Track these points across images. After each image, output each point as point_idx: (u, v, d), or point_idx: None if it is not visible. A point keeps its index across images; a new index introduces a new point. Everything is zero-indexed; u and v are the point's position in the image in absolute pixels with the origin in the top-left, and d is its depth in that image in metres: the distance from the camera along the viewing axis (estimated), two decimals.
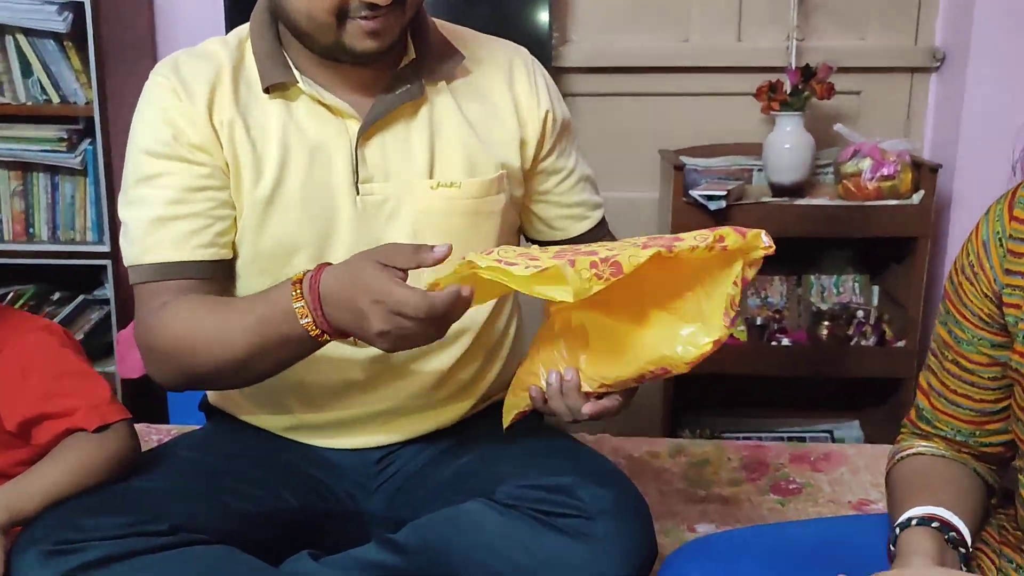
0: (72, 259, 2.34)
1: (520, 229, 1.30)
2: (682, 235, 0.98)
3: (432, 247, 0.96)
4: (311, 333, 0.98)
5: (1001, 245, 0.97)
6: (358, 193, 1.13)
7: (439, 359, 1.19)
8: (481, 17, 2.32)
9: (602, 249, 0.96)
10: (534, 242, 1.31)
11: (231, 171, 1.11)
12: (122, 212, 1.14)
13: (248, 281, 1.15)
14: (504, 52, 1.24)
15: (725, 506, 1.41)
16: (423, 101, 1.15)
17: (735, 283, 0.99)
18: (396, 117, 1.14)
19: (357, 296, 0.94)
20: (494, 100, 1.20)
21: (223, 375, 1.07)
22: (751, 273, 1.00)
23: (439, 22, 1.22)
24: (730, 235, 0.97)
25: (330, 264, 1.00)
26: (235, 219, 1.13)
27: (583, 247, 0.98)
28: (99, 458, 1.03)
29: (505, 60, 1.22)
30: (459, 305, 0.93)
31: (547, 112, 1.21)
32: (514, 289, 0.95)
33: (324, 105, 1.12)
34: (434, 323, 0.93)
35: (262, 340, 1.02)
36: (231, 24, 2.27)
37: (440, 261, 0.95)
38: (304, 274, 1.00)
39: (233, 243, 1.14)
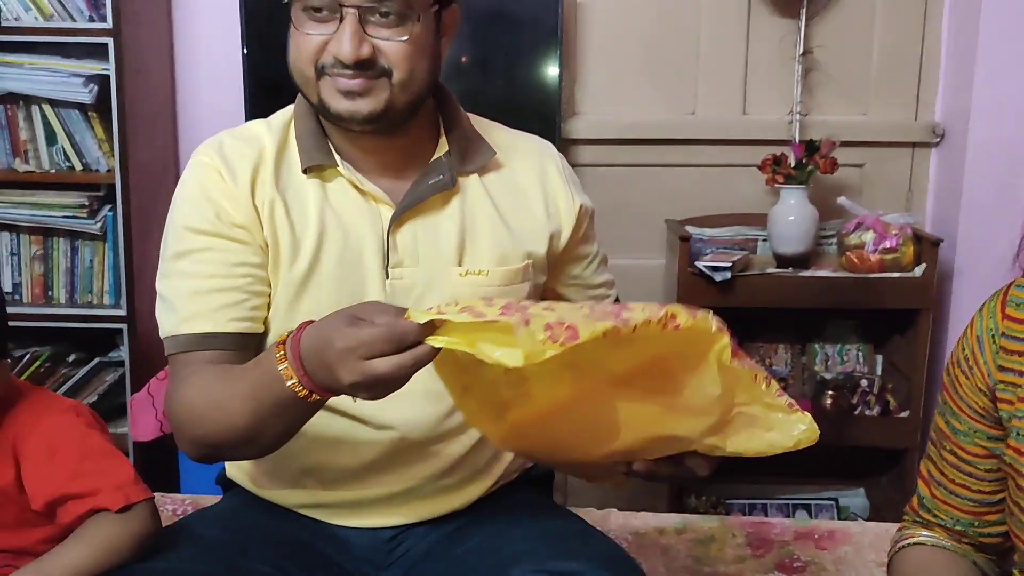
0: (89, 322, 2.38)
1: None
2: (630, 304, 0.91)
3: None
4: (300, 395, 0.98)
5: (994, 342, 1.01)
6: (388, 277, 1.17)
7: (456, 444, 1.22)
8: (494, 91, 2.39)
9: (551, 311, 0.90)
10: None
11: (269, 250, 1.15)
12: (160, 284, 1.17)
13: None
14: (534, 147, 1.30)
15: None
16: (455, 192, 1.21)
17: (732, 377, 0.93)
18: (428, 206, 1.19)
19: (325, 349, 0.93)
20: (525, 193, 1.25)
21: (235, 444, 1.08)
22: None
23: (472, 117, 1.27)
24: (681, 313, 0.90)
25: (312, 322, 1.00)
26: (269, 295, 1.17)
27: (533, 303, 0.93)
28: (122, 538, 1.06)
29: (536, 155, 1.28)
30: (423, 332, 0.90)
31: (581, 206, 1.28)
32: (460, 350, 0.88)
33: (360, 190, 1.17)
34: (403, 364, 0.90)
35: (258, 405, 1.02)
36: (249, 98, 2.34)
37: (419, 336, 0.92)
38: (288, 335, 1.00)
39: (265, 319, 1.17)
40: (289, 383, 0.98)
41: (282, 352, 0.99)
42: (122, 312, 2.35)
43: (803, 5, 2.43)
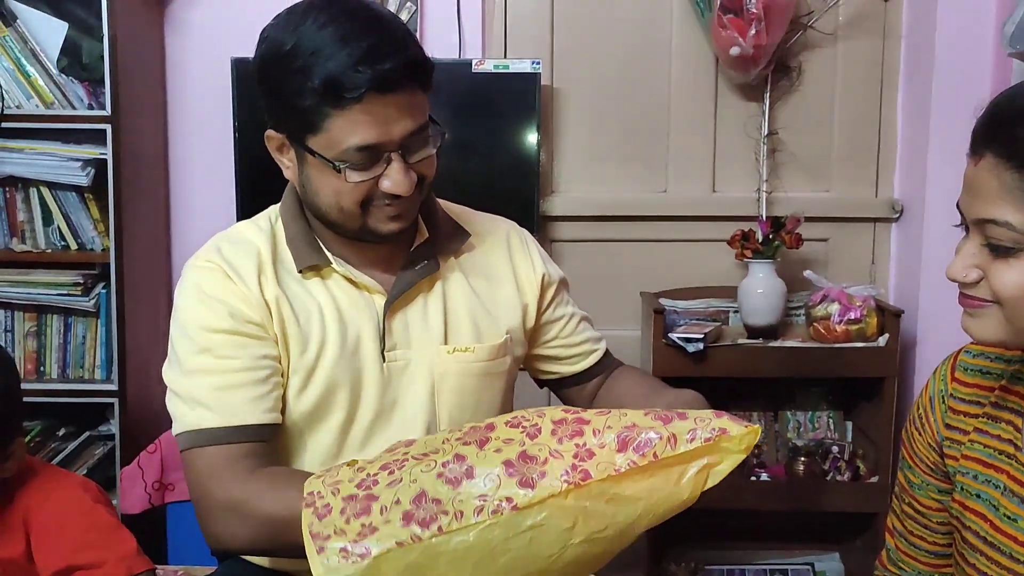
0: (80, 396, 2.42)
1: (534, 372, 1.46)
2: (678, 424, 0.92)
3: None
4: None
5: (943, 402, 1.11)
6: (384, 360, 1.26)
7: None
8: (476, 170, 2.49)
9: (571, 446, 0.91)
10: (545, 382, 1.47)
11: (280, 342, 1.22)
12: (181, 381, 1.20)
13: (290, 443, 1.26)
14: (501, 228, 1.41)
15: None
16: (438, 276, 1.30)
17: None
18: (415, 291, 1.29)
19: None
20: (497, 272, 1.36)
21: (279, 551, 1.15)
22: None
23: (442, 202, 1.37)
24: (732, 427, 0.92)
25: None
26: (283, 385, 1.23)
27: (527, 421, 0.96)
28: None
29: (503, 235, 1.39)
30: None
31: (543, 275, 1.38)
32: None
33: (353, 283, 1.26)
34: None
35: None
36: (240, 180, 2.45)
37: None
38: None
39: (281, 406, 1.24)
40: None
41: None
42: (113, 386, 2.40)
43: (767, 89, 2.56)
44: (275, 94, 1.16)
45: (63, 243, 2.41)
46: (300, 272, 1.25)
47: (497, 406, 1.34)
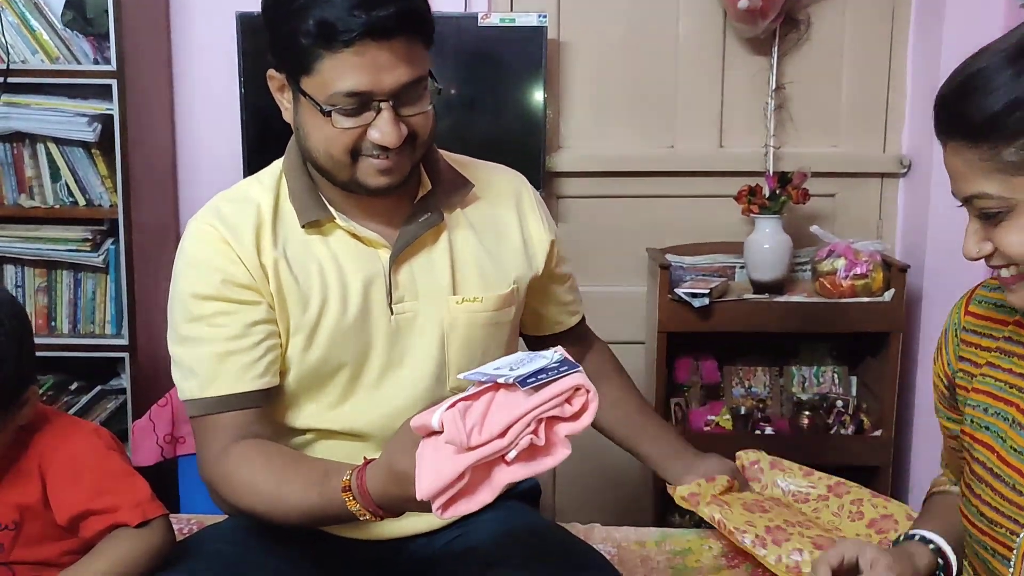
0: (91, 351, 2.45)
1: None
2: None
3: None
4: (370, 519, 1.07)
5: (956, 335, 1.13)
6: (392, 313, 1.27)
7: None
8: (482, 126, 2.49)
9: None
10: (529, 336, 1.49)
11: (277, 303, 1.23)
12: (176, 349, 1.24)
13: (296, 398, 1.28)
14: (508, 180, 1.41)
15: None
16: (443, 227, 1.30)
17: None
18: (420, 243, 1.29)
19: (395, 490, 1.00)
20: (504, 224, 1.36)
21: (281, 523, 1.19)
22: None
23: (444, 153, 1.38)
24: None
25: (368, 463, 1.06)
26: (281, 346, 1.25)
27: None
28: (140, 551, 1.15)
29: (512, 190, 1.39)
30: None
31: (552, 240, 1.40)
32: None
33: (357, 237, 1.26)
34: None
35: (320, 519, 1.16)
36: (246, 135, 2.44)
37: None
38: (349, 479, 1.06)
39: (281, 367, 1.25)
40: (364, 518, 1.07)
41: (350, 497, 1.06)
42: (124, 341, 2.42)
43: (775, 43, 2.54)
44: (275, 33, 1.17)
45: (71, 199, 2.42)
46: (303, 227, 1.25)
47: (502, 355, 1.34)
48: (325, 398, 1.28)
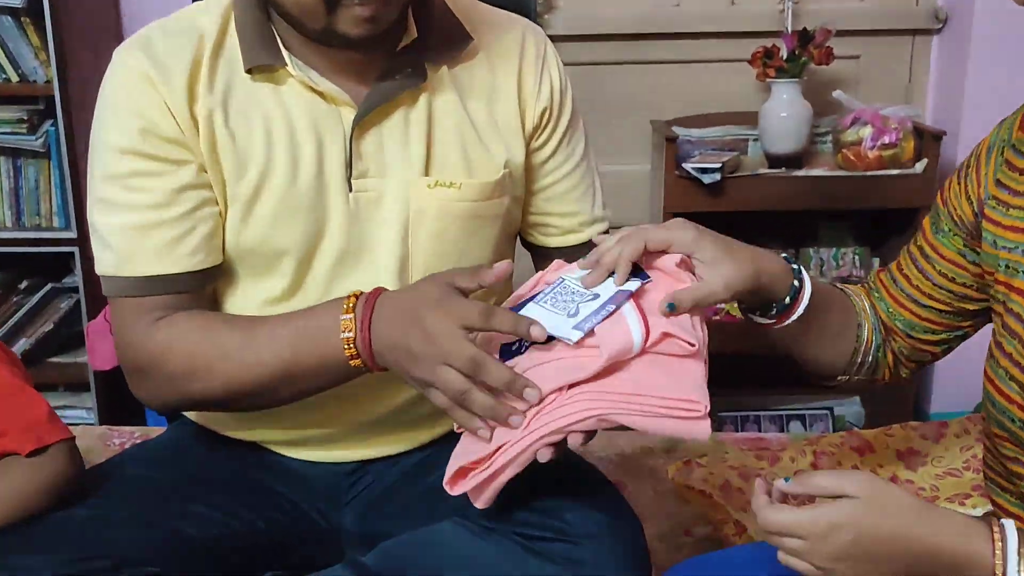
0: (38, 246, 2.25)
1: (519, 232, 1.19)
2: None
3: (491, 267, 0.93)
4: (347, 353, 0.93)
5: (1001, 153, 0.93)
6: (351, 189, 1.03)
7: None
8: None
9: None
10: (527, 244, 1.21)
11: (209, 165, 1.00)
12: (93, 214, 1.03)
13: (231, 288, 1.06)
14: (515, 34, 1.11)
15: None
16: (424, 88, 1.05)
17: None
18: (395, 105, 1.04)
19: (414, 325, 0.90)
20: (501, 89, 1.09)
21: (233, 400, 1.01)
22: None
23: None
24: None
25: (386, 290, 0.96)
26: (220, 215, 1.03)
27: None
28: (33, 485, 0.94)
29: (515, 44, 1.10)
30: (516, 387, 0.87)
31: (544, 111, 1.11)
32: None
33: (316, 91, 1.02)
34: (475, 390, 0.88)
35: (294, 359, 0.96)
36: None
37: (501, 279, 0.93)
38: (360, 293, 0.95)
39: (222, 243, 1.04)
40: (345, 334, 0.93)
41: (351, 304, 0.94)
42: (73, 234, 2.22)
43: None
44: None
45: (2, 75, 2.17)
46: (248, 72, 1.01)
47: (488, 260, 1.08)
48: (265, 290, 1.05)
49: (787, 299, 0.95)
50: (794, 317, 0.96)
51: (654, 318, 0.87)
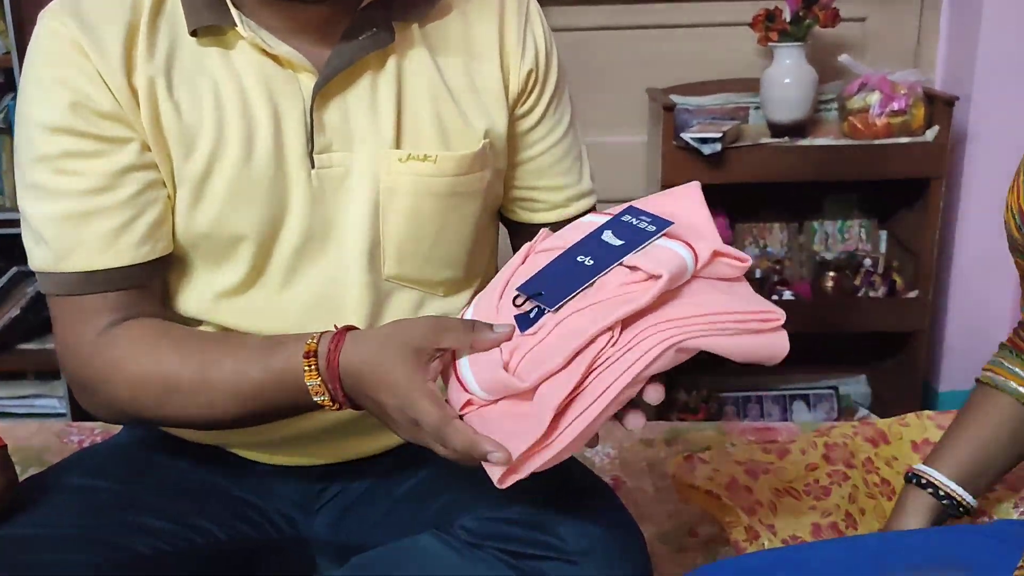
0: (2, 227, 2.13)
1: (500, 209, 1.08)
2: None
3: (492, 326, 0.80)
4: (327, 407, 0.84)
5: None
6: (313, 165, 0.92)
7: None
8: None
9: None
10: (508, 221, 1.10)
11: (153, 141, 0.89)
12: (23, 201, 0.91)
13: (184, 278, 0.96)
14: None
15: None
16: (392, 50, 0.94)
17: None
18: (360, 70, 0.92)
19: (380, 392, 0.80)
20: (480, 48, 0.97)
21: (191, 426, 0.93)
22: None
23: None
24: None
25: (349, 332, 0.84)
26: (168, 199, 0.92)
27: None
28: None
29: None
30: (477, 453, 0.76)
31: (529, 72, 0.99)
32: None
33: (270, 56, 0.90)
34: (449, 452, 0.79)
35: (261, 408, 0.87)
36: None
37: (503, 341, 0.79)
38: (316, 343, 0.83)
39: (172, 229, 0.93)
40: (318, 399, 0.84)
41: (312, 367, 0.83)
42: None
43: None
44: None
45: None
46: (193, 35, 0.90)
47: (468, 240, 0.99)
48: (220, 282, 0.95)
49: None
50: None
51: (697, 243, 0.79)
